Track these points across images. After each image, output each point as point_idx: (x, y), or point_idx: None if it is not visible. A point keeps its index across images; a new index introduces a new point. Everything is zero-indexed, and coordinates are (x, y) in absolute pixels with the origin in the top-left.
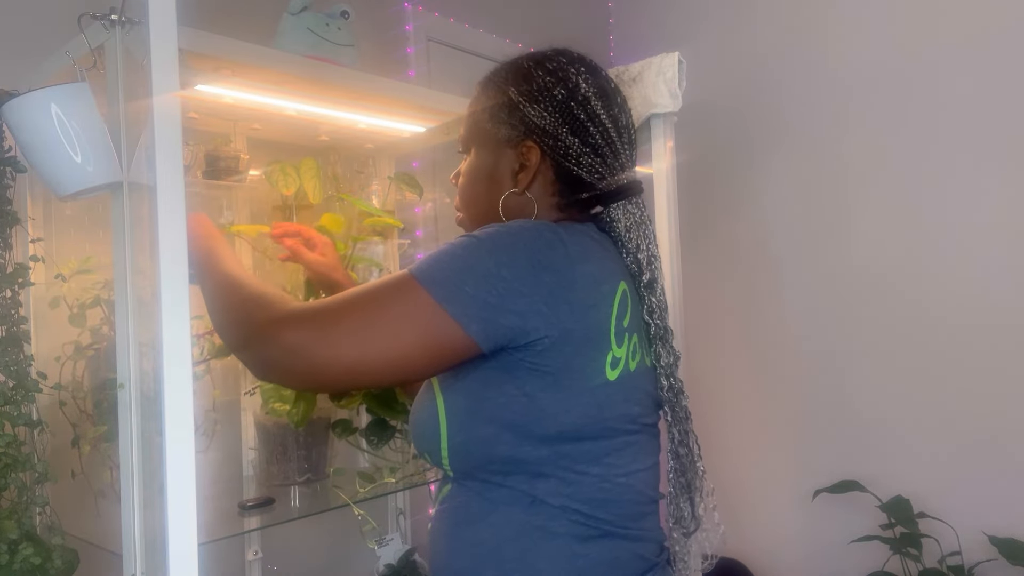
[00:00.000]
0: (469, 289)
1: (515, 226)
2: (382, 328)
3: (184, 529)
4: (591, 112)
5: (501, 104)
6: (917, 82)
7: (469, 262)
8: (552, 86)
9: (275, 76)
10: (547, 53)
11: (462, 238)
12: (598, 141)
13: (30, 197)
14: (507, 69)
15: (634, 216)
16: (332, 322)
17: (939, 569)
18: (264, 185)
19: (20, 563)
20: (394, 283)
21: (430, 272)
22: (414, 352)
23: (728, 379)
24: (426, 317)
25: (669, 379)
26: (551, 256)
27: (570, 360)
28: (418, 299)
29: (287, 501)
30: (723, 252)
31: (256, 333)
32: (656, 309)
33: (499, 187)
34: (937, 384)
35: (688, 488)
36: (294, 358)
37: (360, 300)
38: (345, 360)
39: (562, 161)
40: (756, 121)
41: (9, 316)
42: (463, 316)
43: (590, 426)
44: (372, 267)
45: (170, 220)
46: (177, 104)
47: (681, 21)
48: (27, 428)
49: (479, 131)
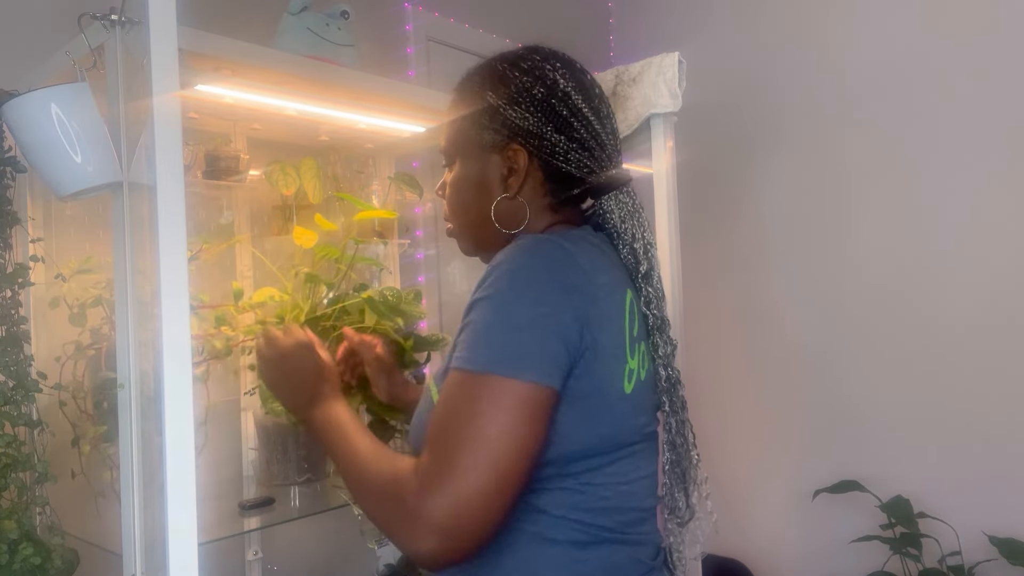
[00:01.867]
0: (529, 347)
1: (523, 257)
2: (491, 441)
3: (184, 529)
4: (573, 107)
5: (481, 110)
6: (918, 82)
7: (510, 321)
8: (531, 86)
9: (275, 76)
10: (519, 53)
11: (482, 300)
12: (583, 135)
13: (30, 197)
14: (482, 74)
15: (627, 206)
16: (449, 475)
17: (939, 569)
18: (264, 185)
19: (20, 563)
20: (465, 392)
21: (485, 357)
22: (527, 432)
23: (728, 379)
24: (515, 400)
25: (667, 369)
26: (571, 275)
27: (597, 377)
28: (496, 390)
29: (287, 501)
30: (723, 252)
31: (411, 539)
32: (653, 299)
33: (489, 194)
34: (937, 384)
35: (683, 478)
36: (454, 533)
37: (453, 432)
38: (487, 491)
39: (550, 160)
40: (756, 121)
41: (9, 316)
42: (542, 374)
43: (600, 444)
44: (372, 267)
45: (170, 220)
46: (177, 104)
47: (681, 21)
48: (27, 428)
49: (461, 140)
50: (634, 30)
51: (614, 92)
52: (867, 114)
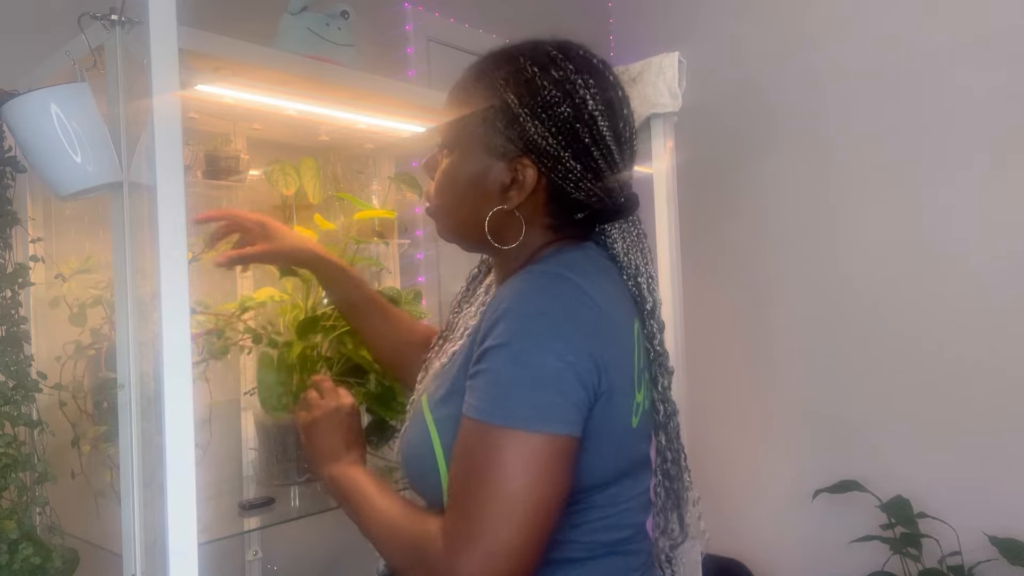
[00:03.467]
0: (554, 399)
1: (538, 300)
2: (518, 497)
3: (184, 529)
4: (597, 134)
5: (497, 111)
6: (917, 83)
7: (532, 373)
8: (558, 102)
9: (275, 76)
10: (551, 55)
11: (497, 349)
12: (600, 165)
13: (30, 197)
14: (506, 68)
15: (631, 234)
16: (477, 535)
17: (939, 569)
18: (264, 185)
19: (20, 563)
20: (488, 446)
21: (508, 411)
22: (554, 484)
23: (728, 379)
24: (542, 454)
25: (665, 404)
26: (588, 317)
27: (609, 418)
28: (521, 444)
29: (287, 501)
30: (723, 251)
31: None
32: (656, 334)
33: (484, 199)
34: (937, 384)
35: (677, 502)
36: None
37: (476, 489)
38: (517, 547)
39: (560, 184)
40: (756, 121)
41: (9, 316)
42: (568, 425)
43: (605, 475)
44: (372, 267)
45: (170, 220)
46: (177, 104)
47: (681, 21)
48: (27, 428)
49: (467, 133)
50: (634, 30)
51: None
52: (866, 114)
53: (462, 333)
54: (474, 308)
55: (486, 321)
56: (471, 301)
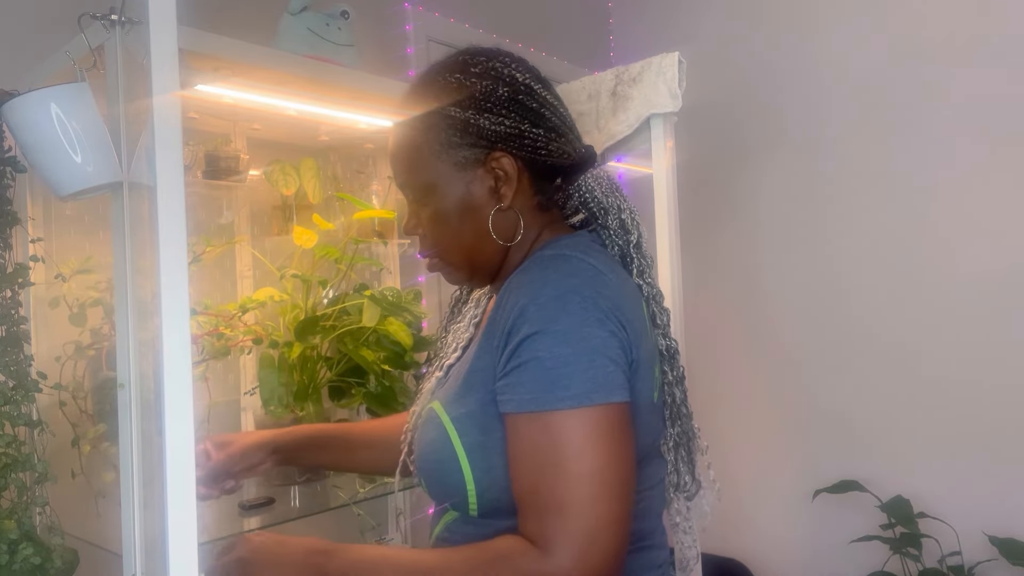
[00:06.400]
0: (608, 368)
1: (559, 281)
2: (597, 473)
3: (184, 529)
4: (539, 97)
5: (448, 128)
6: (917, 84)
7: (583, 348)
8: (493, 88)
9: (275, 76)
10: (461, 60)
11: (538, 335)
12: (556, 122)
13: (30, 197)
14: (431, 92)
15: (604, 181)
16: (572, 521)
17: (939, 569)
18: (264, 185)
19: (20, 563)
20: (554, 435)
21: (572, 392)
22: (627, 448)
23: (728, 378)
24: (611, 424)
25: (667, 339)
26: (608, 291)
27: (636, 391)
28: (592, 421)
29: (287, 501)
30: (723, 252)
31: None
32: (647, 269)
33: (480, 212)
34: (937, 385)
35: (689, 451)
36: (594, 563)
37: (555, 480)
38: (611, 520)
39: (534, 157)
40: (756, 121)
41: (9, 316)
42: (624, 391)
43: (636, 454)
44: (372, 267)
45: (170, 220)
46: (177, 104)
47: (681, 21)
48: (27, 428)
49: (431, 168)
50: (634, 30)
51: (614, 92)
52: (866, 115)
53: (456, 346)
54: (465, 322)
55: (505, 313)
56: (460, 319)
